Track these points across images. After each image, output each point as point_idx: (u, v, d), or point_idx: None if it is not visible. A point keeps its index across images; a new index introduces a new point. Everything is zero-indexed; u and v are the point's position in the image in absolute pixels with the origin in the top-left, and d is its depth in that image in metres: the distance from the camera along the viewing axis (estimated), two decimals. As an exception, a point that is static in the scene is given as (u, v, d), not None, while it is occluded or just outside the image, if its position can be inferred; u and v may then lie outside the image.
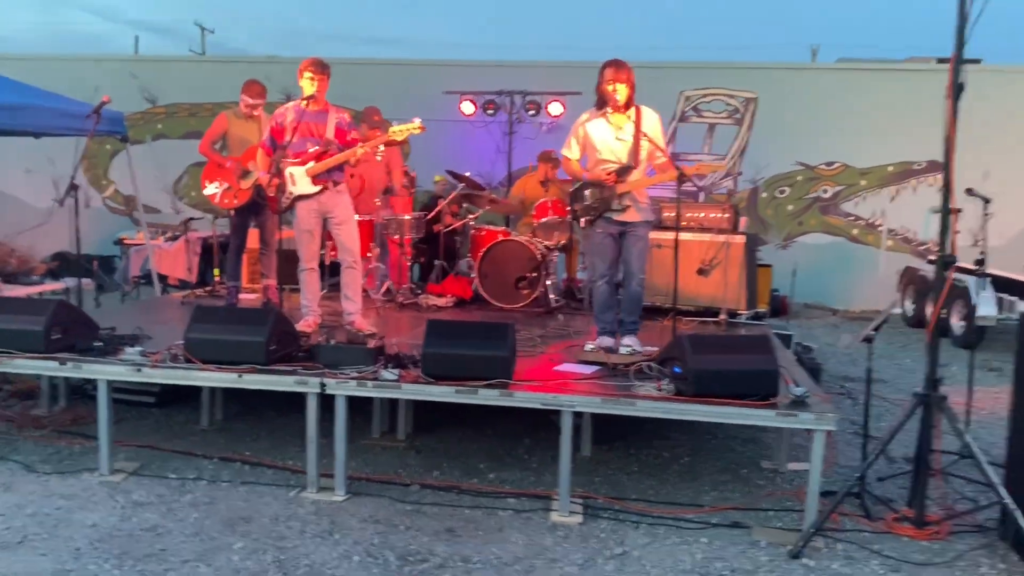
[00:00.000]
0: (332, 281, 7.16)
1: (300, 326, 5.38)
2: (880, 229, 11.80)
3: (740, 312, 6.61)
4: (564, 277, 8.15)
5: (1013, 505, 3.70)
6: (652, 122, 5.14)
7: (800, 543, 3.75)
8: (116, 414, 4.72)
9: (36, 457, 4.72)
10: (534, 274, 7.13)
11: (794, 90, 11.78)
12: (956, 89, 3.71)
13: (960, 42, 3.75)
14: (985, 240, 5.31)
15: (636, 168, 5.12)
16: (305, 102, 5.49)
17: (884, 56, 15.18)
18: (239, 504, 4.16)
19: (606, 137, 5.15)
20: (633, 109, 5.08)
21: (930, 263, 10.52)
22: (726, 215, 6.81)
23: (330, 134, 5.61)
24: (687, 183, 4.94)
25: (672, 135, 11.61)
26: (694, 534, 3.95)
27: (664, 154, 5.06)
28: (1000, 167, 10.36)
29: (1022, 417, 3.82)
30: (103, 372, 4.47)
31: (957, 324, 8.81)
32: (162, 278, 9.17)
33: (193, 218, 9.94)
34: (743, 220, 7.19)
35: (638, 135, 5.06)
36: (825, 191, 11.91)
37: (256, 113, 6.56)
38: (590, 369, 4.70)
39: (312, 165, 5.55)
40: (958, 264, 8.50)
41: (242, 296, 6.98)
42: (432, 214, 8.11)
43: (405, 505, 4.19)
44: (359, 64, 11.82)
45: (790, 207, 11.96)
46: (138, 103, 12.47)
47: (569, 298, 7.60)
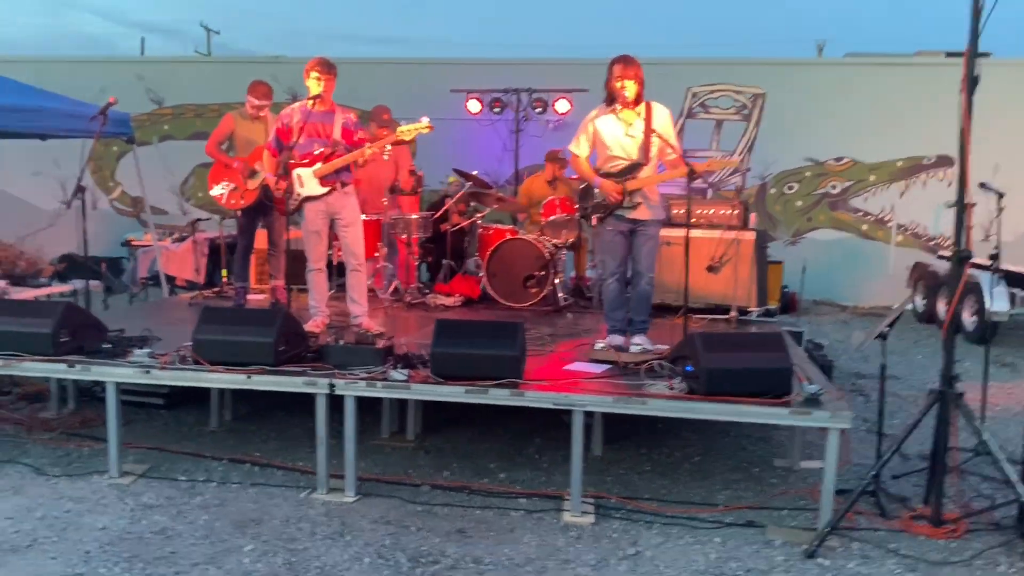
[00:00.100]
0: (340, 281, 7.14)
1: (308, 326, 5.36)
2: (890, 225, 11.73)
3: (750, 309, 6.56)
4: (572, 275, 8.12)
5: (1031, 502, 3.65)
6: (663, 118, 5.09)
7: (815, 542, 3.71)
8: (125, 416, 4.71)
9: (45, 460, 4.71)
10: (542, 273, 7.09)
11: (802, 85, 11.70)
12: (971, 82, 3.66)
13: (974, 34, 3.70)
14: (999, 234, 5.25)
15: (646, 165, 5.08)
16: (311, 102, 5.46)
17: (893, 50, 15.10)
18: (249, 506, 4.14)
19: (616, 133, 5.10)
20: (643, 105, 5.04)
21: (940, 258, 10.48)
22: (735, 211, 6.76)
23: (337, 135, 5.59)
24: (698, 180, 4.86)
25: (679, 132, 11.55)
26: (708, 534, 3.92)
27: (675, 151, 5.01)
28: (1010, 161, 10.27)
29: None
30: (112, 374, 4.46)
31: (969, 320, 8.75)
32: (170, 279, 9.16)
33: (200, 219, 9.94)
34: (753, 216, 7.13)
35: (648, 131, 5.01)
36: (834, 187, 11.83)
37: (262, 114, 6.54)
38: (601, 368, 4.66)
39: (320, 166, 5.53)
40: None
41: (250, 297, 6.97)
42: (439, 213, 8.09)
43: (416, 506, 4.16)
44: (365, 63, 11.78)
45: (799, 203, 11.89)
46: (144, 104, 12.47)
47: (578, 296, 7.56)
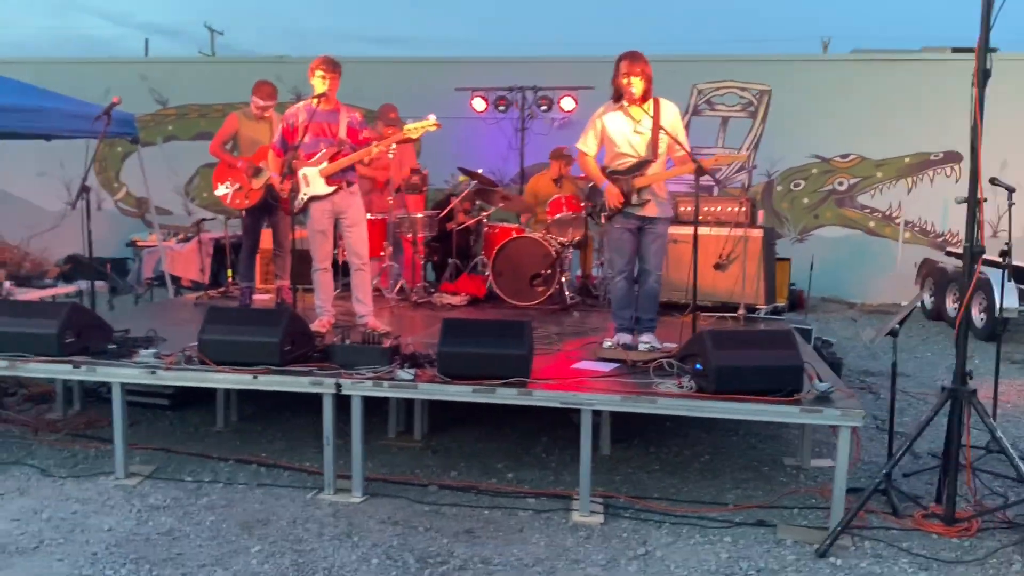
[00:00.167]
0: (346, 281, 7.12)
1: (314, 326, 5.34)
2: (897, 221, 11.67)
3: (759, 307, 6.52)
4: (578, 274, 8.08)
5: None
6: (671, 115, 5.04)
7: (827, 542, 3.67)
8: (130, 417, 4.70)
9: (51, 461, 4.69)
10: (549, 271, 7.06)
11: (808, 82, 11.65)
12: (982, 76, 3.62)
13: (985, 28, 3.65)
14: (1010, 230, 5.21)
15: (655, 162, 5.04)
16: (316, 101, 5.44)
17: (899, 47, 15.01)
18: (256, 507, 4.12)
19: (624, 130, 5.06)
20: (651, 102, 4.99)
21: (948, 255, 10.42)
22: (743, 209, 6.72)
23: (343, 133, 5.56)
24: (705, 176, 4.81)
25: (686, 129, 11.51)
26: (718, 533, 3.88)
27: (683, 148, 4.96)
28: (1018, 157, 10.22)
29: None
30: (117, 375, 4.44)
31: (978, 316, 8.70)
32: (175, 280, 9.15)
33: (205, 219, 9.92)
34: (760, 213, 7.09)
35: (656, 128, 4.97)
36: (841, 183, 11.78)
37: (267, 114, 6.52)
38: (609, 367, 4.63)
39: (326, 165, 5.50)
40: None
41: (256, 297, 6.96)
42: (445, 212, 8.06)
43: (423, 506, 4.13)
44: (369, 63, 11.76)
45: (805, 200, 11.84)
46: (149, 105, 12.46)
47: (584, 295, 7.52)
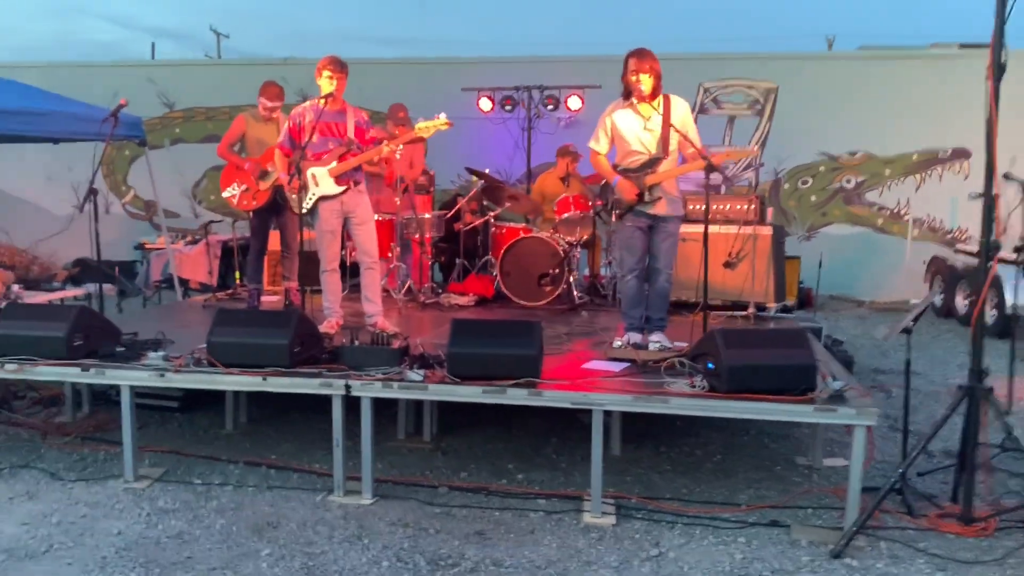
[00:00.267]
0: (354, 282, 7.10)
1: (323, 327, 5.32)
2: (906, 219, 11.60)
3: (768, 305, 6.48)
4: (586, 273, 8.04)
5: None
6: (681, 112, 5.00)
7: (842, 542, 3.63)
8: (139, 419, 4.67)
9: (61, 464, 4.68)
10: (557, 271, 7.03)
11: (815, 79, 11.59)
12: (997, 70, 3.58)
13: (1000, 21, 3.61)
14: (1022, 226, 5.16)
15: (666, 159, 5.00)
16: (323, 101, 5.42)
17: (906, 43, 14.97)
18: (266, 509, 4.10)
19: (634, 127, 5.02)
20: (661, 98, 4.96)
21: (958, 252, 10.35)
22: (752, 207, 6.68)
23: (351, 133, 5.55)
24: (715, 173, 4.77)
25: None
26: (731, 534, 3.85)
27: (693, 145, 4.92)
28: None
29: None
30: (126, 378, 4.42)
31: (989, 313, 8.63)
32: (183, 282, 9.15)
33: (213, 221, 9.93)
34: (770, 211, 7.04)
35: (667, 125, 4.93)
36: (848, 181, 11.72)
37: (274, 115, 6.51)
38: (619, 366, 4.59)
39: (335, 165, 5.49)
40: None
41: (264, 298, 6.94)
42: (452, 212, 8.04)
43: (434, 508, 4.11)
44: (375, 64, 11.75)
45: (813, 198, 11.79)
46: (156, 108, 12.48)
47: (593, 294, 7.49)
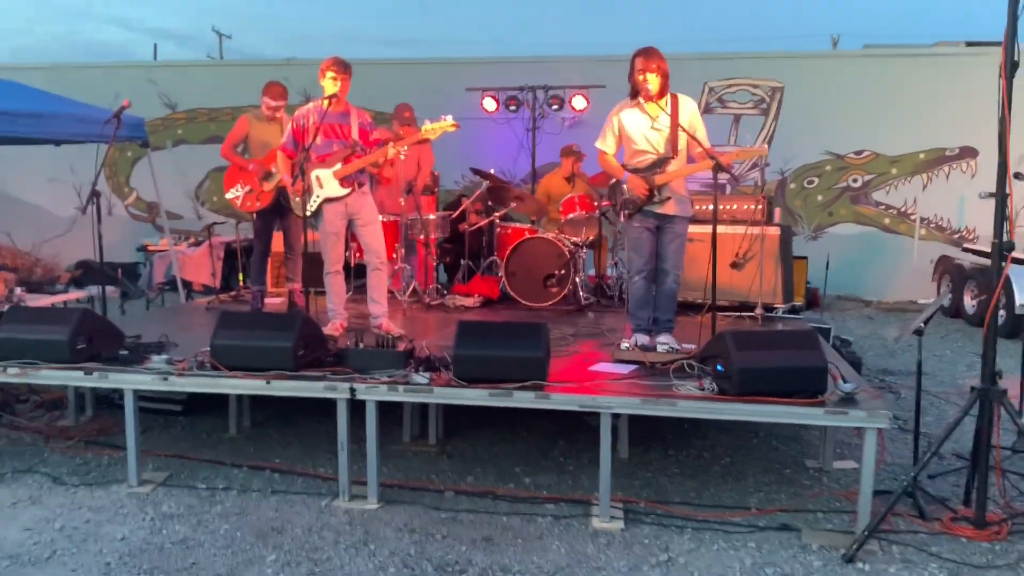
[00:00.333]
0: (357, 283, 7.07)
1: (327, 330, 5.29)
2: (913, 218, 11.54)
3: (776, 306, 6.42)
4: (591, 274, 7.99)
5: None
6: (689, 111, 4.95)
7: (854, 547, 3.58)
8: (143, 423, 4.65)
9: (64, 469, 4.64)
10: (563, 271, 6.98)
11: (820, 78, 11.54)
12: (1010, 67, 3.52)
13: (1012, 18, 3.56)
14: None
15: (674, 158, 4.95)
16: (327, 102, 5.38)
17: (911, 41, 14.91)
18: (270, 514, 4.06)
19: (641, 127, 4.97)
20: (669, 98, 4.91)
21: (965, 251, 10.29)
22: (759, 207, 6.63)
23: (355, 135, 5.51)
24: (725, 173, 4.71)
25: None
26: (741, 538, 3.80)
27: (700, 145, 4.86)
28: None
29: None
30: (130, 382, 4.38)
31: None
32: (186, 284, 9.12)
33: (216, 223, 9.89)
34: (777, 211, 6.99)
35: (675, 124, 4.88)
36: (855, 180, 11.66)
37: (278, 115, 6.48)
38: (627, 368, 4.54)
39: (340, 167, 5.44)
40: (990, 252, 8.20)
41: (267, 300, 6.91)
42: (457, 213, 7.99)
43: (440, 513, 4.06)
44: (378, 64, 11.72)
45: (819, 197, 11.73)
46: (158, 109, 12.46)
47: (599, 295, 7.44)
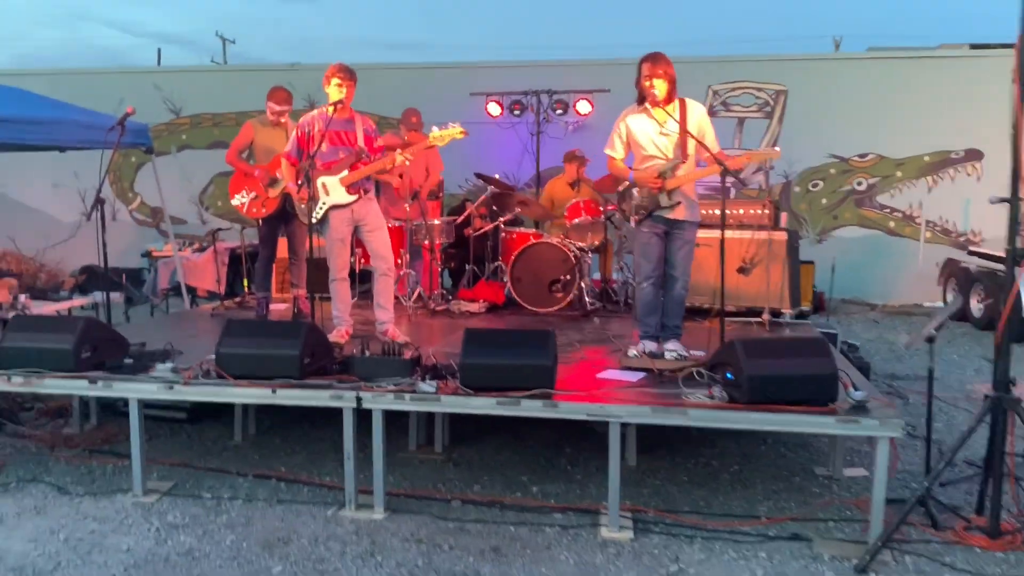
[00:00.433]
0: (362, 289, 7.04)
1: (333, 337, 5.26)
2: (918, 221, 11.50)
3: (783, 311, 6.39)
4: (595, 277, 7.94)
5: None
6: (697, 116, 4.91)
7: (867, 557, 3.54)
8: (148, 431, 4.61)
9: (69, 478, 4.61)
10: (568, 277, 6.95)
11: (825, 81, 11.51)
12: (1023, 72, 3.49)
13: (1025, 22, 3.53)
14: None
15: (684, 163, 4.92)
16: (332, 109, 5.35)
17: (914, 44, 14.86)
18: (276, 524, 4.02)
19: (649, 132, 4.94)
20: (677, 103, 4.88)
21: (971, 254, 10.23)
22: (766, 211, 6.59)
23: (361, 142, 5.49)
24: (734, 178, 4.68)
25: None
26: (752, 548, 3.76)
27: (708, 151, 4.82)
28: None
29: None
30: (135, 391, 4.35)
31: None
32: (191, 290, 9.10)
33: (220, 228, 9.87)
34: (784, 216, 6.95)
35: (684, 129, 4.85)
36: (860, 183, 11.63)
37: (283, 120, 6.45)
38: (635, 376, 4.50)
39: (346, 174, 5.42)
40: (1001, 255, 8.18)
41: (272, 306, 6.88)
42: (462, 218, 7.97)
43: (447, 522, 4.03)
44: (382, 69, 11.70)
45: (824, 201, 11.70)
46: (162, 114, 12.46)
47: (605, 300, 7.41)
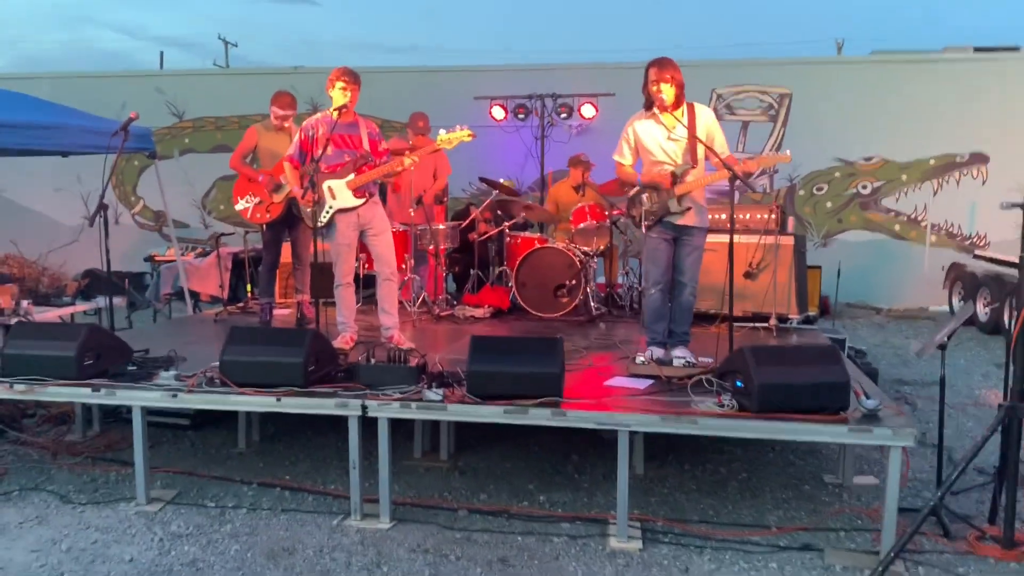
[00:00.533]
0: (366, 294, 7.00)
1: (337, 343, 5.22)
2: (923, 225, 11.45)
3: (790, 316, 6.34)
4: (600, 282, 7.89)
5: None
6: (706, 120, 4.87)
7: (880, 568, 3.49)
8: (151, 437, 4.57)
9: (71, 486, 4.57)
10: (573, 282, 6.91)
11: (829, 84, 11.48)
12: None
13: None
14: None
15: (694, 168, 4.88)
16: (336, 112, 5.32)
17: (918, 47, 14.81)
18: (281, 534, 3.98)
19: (658, 138, 4.90)
20: (685, 107, 4.84)
21: (976, 258, 10.19)
22: (772, 216, 6.55)
23: (366, 146, 5.45)
24: (743, 182, 4.63)
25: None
26: (763, 558, 3.71)
27: (716, 156, 4.78)
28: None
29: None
30: (138, 398, 4.31)
31: (1008, 320, 8.46)
32: (194, 295, 9.05)
33: (224, 233, 9.83)
34: (791, 220, 6.91)
35: (693, 135, 4.81)
36: (864, 187, 11.59)
37: (287, 124, 6.41)
38: (643, 383, 4.46)
39: (353, 177, 5.38)
40: (1007, 259, 8.08)
41: (276, 312, 6.84)
42: (466, 223, 7.92)
43: (454, 532, 3.98)
44: (386, 73, 11.67)
45: (829, 204, 11.65)
46: (165, 118, 12.43)
47: (611, 305, 7.36)
